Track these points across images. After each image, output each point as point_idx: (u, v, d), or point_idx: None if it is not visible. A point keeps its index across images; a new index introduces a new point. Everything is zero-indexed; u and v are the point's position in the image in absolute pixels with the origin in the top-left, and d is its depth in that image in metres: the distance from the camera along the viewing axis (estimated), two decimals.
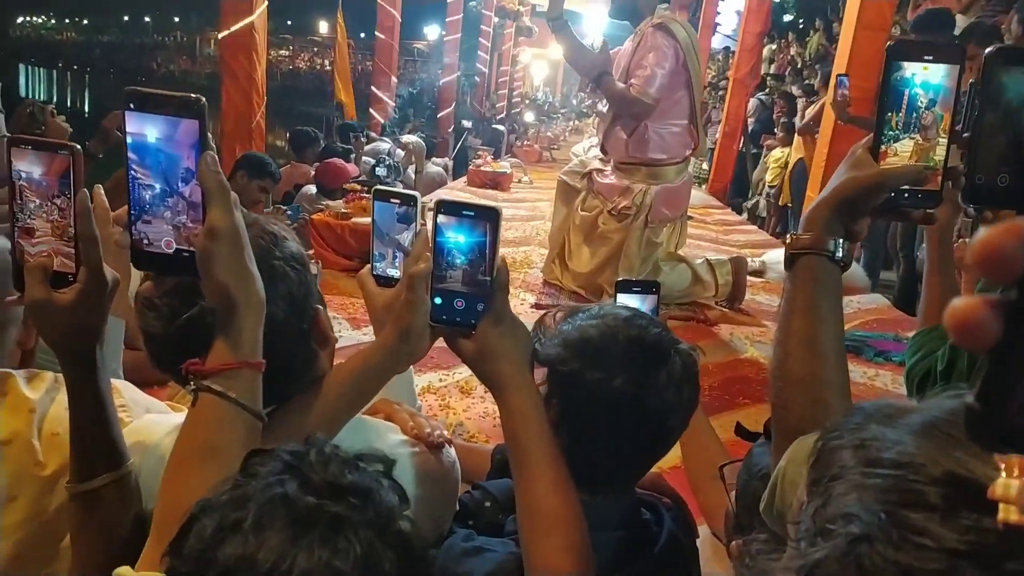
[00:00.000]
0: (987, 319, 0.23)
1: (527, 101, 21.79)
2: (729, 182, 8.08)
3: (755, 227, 6.32)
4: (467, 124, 10.21)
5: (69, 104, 29.45)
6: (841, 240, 0.81)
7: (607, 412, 0.84)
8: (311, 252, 3.39)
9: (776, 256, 4.02)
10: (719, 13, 13.30)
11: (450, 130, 11.12)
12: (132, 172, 0.67)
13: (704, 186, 8.51)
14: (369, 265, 0.97)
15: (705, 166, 9.43)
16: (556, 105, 23.48)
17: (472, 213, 0.84)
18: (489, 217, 0.84)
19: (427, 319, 0.84)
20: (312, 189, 4.16)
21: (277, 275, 0.84)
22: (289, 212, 3.51)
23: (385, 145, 6.41)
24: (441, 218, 0.84)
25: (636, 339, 0.86)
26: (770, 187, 7.11)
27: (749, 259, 3.90)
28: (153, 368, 0.81)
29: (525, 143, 11.00)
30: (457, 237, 0.85)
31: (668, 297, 3.09)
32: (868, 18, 4.21)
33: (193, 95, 0.66)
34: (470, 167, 7.19)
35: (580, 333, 0.87)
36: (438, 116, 11.43)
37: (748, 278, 3.64)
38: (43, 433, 0.89)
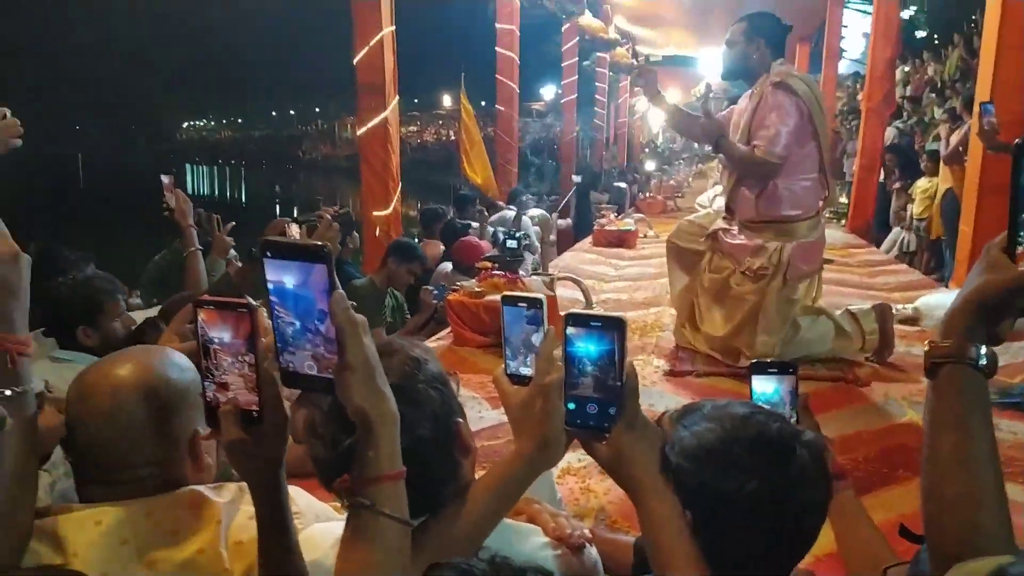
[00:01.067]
0: None
1: (646, 150, 21.77)
2: (871, 217, 7.62)
3: (905, 266, 5.89)
4: (576, 179, 10.34)
5: (228, 196, 32.79)
6: (984, 347, 0.78)
7: (743, 517, 0.84)
8: (450, 370, 3.55)
9: (933, 301, 3.73)
10: (843, 38, 12.77)
11: (572, 189, 11.31)
12: (275, 312, 0.76)
13: (843, 223, 8.08)
14: (503, 365, 1.02)
15: (844, 199, 8.94)
16: (676, 150, 23.28)
17: (599, 323, 0.89)
18: (616, 326, 0.89)
19: (562, 426, 0.89)
20: (448, 267, 4.38)
21: (421, 398, 0.93)
22: (435, 291, 3.76)
23: (511, 213, 6.63)
24: (571, 330, 0.90)
25: (757, 439, 0.87)
26: (919, 220, 6.64)
27: (900, 305, 3.66)
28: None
29: (648, 195, 10.97)
30: (587, 346, 0.90)
31: (811, 355, 2.96)
32: (1010, 37, 3.93)
33: (320, 243, 0.74)
34: (595, 227, 7.25)
35: (699, 440, 0.88)
36: (559, 175, 11.67)
37: (902, 327, 3.42)
38: (229, 542, 1.00)
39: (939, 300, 3.72)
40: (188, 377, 1.02)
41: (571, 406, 0.90)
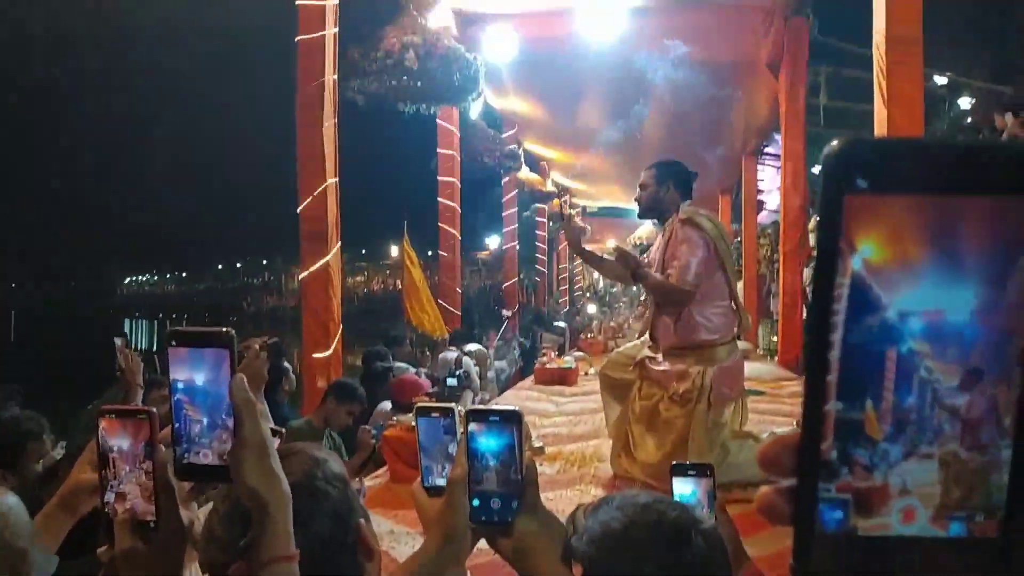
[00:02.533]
0: (778, 503, 0.32)
1: (588, 294, 22.48)
2: (799, 352, 7.95)
3: None
4: (507, 313, 10.62)
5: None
6: None
7: None
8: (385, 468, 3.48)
9: None
10: (761, 192, 13.89)
11: (516, 331, 11.52)
12: (182, 410, 0.77)
13: (775, 359, 8.40)
14: (419, 479, 1.03)
15: (774, 337, 9.37)
16: (617, 294, 24.08)
17: (498, 418, 0.94)
18: (514, 419, 0.94)
19: (467, 521, 0.90)
20: (387, 406, 4.35)
21: (320, 494, 0.94)
22: (374, 431, 3.71)
23: (452, 355, 6.69)
24: (472, 426, 0.94)
25: (656, 525, 0.91)
26: None
27: None
28: None
29: (589, 336, 11.23)
30: (488, 441, 0.94)
31: (743, 479, 3.00)
32: None
33: (224, 328, 0.77)
34: (536, 366, 7.36)
35: (603, 528, 0.91)
36: (502, 318, 11.92)
37: None
38: None
39: None
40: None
41: (475, 502, 0.91)
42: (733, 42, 7.80)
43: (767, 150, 13.44)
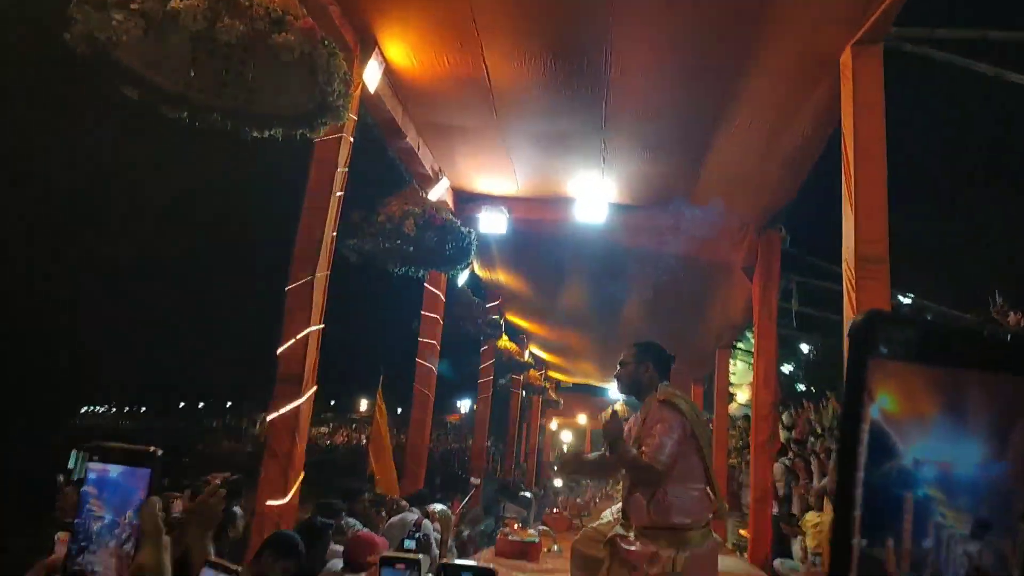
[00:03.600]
0: None
1: (555, 468, 21.96)
2: (770, 549, 7.74)
3: None
4: (475, 481, 10.31)
5: None
6: None
7: None
8: None
9: None
10: (732, 384, 14.16)
11: (479, 498, 11.15)
12: (87, 506, 0.75)
13: (745, 554, 8.15)
14: None
15: (743, 532, 9.13)
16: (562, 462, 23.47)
17: (471, 573, 0.96)
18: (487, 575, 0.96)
19: None
20: (338, 564, 4.14)
21: None
22: None
23: (413, 516, 6.43)
24: None
25: None
26: (814, 554, 6.80)
27: None
28: None
29: (555, 511, 10.87)
30: None
31: None
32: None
33: (150, 448, 0.76)
34: (498, 536, 7.07)
35: None
36: (470, 483, 11.57)
37: None
38: None
39: None
40: None
41: None
42: (710, 245, 8.35)
43: (738, 345, 13.90)
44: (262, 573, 3.23)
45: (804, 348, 18.58)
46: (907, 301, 12.21)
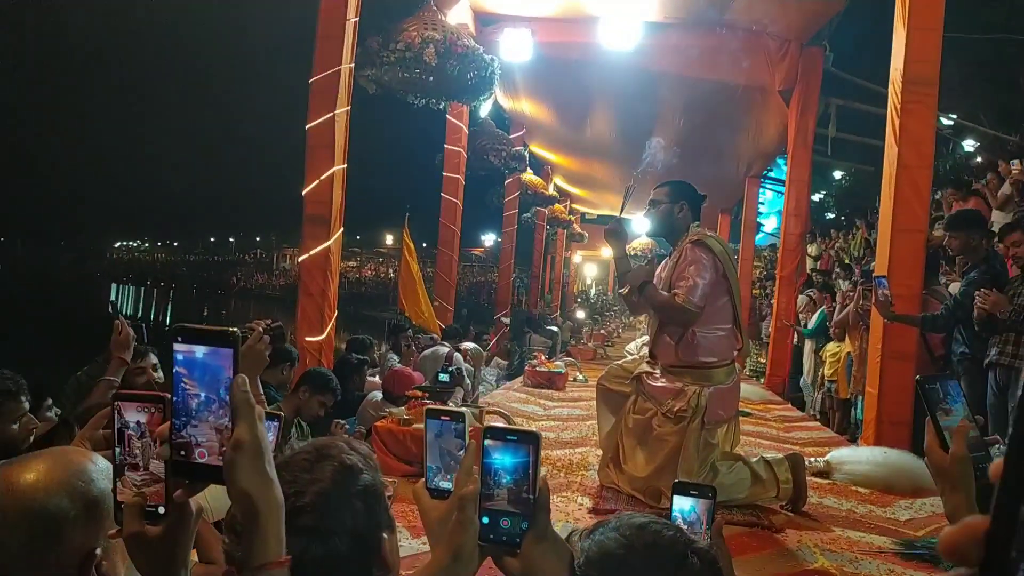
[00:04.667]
0: (969, 546, 0.33)
1: (579, 300, 22.53)
2: (787, 376, 8.01)
3: (817, 423, 6.16)
4: (504, 319, 10.66)
5: (152, 316, 31.88)
6: None
7: None
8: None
9: (842, 455, 3.91)
10: (761, 214, 13.98)
11: (506, 330, 11.55)
12: (181, 384, 0.77)
13: (762, 380, 8.45)
14: (423, 479, 1.02)
15: (762, 360, 9.43)
16: (608, 302, 24.12)
17: (515, 437, 0.94)
18: (531, 440, 0.94)
19: (476, 539, 0.89)
20: (378, 395, 4.35)
21: (345, 508, 0.93)
22: (347, 425, 3.57)
23: (444, 350, 6.70)
24: (488, 442, 0.94)
25: (652, 545, 0.91)
26: (830, 381, 7.03)
27: (813, 459, 3.81)
28: None
29: (580, 342, 11.26)
30: (503, 459, 0.94)
31: (730, 500, 3.03)
32: (902, 221, 4.44)
33: (230, 328, 0.78)
34: (526, 367, 7.37)
35: (600, 548, 0.92)
36: (495, 318, 11.95)
37: (814, 479, 3.55)
38: None
39: (847, 455, 3.90)
40: (96, 489, 0.92)
41: (485, 520, 0.90)
42: (747, 66, 7.84)
43: (769, 174, 13.52)
44: (299, 407, 3.35)
45: (836, 175, 18.11)
46: (949, 122, 11.62)
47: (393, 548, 1.00)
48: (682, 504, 1.44)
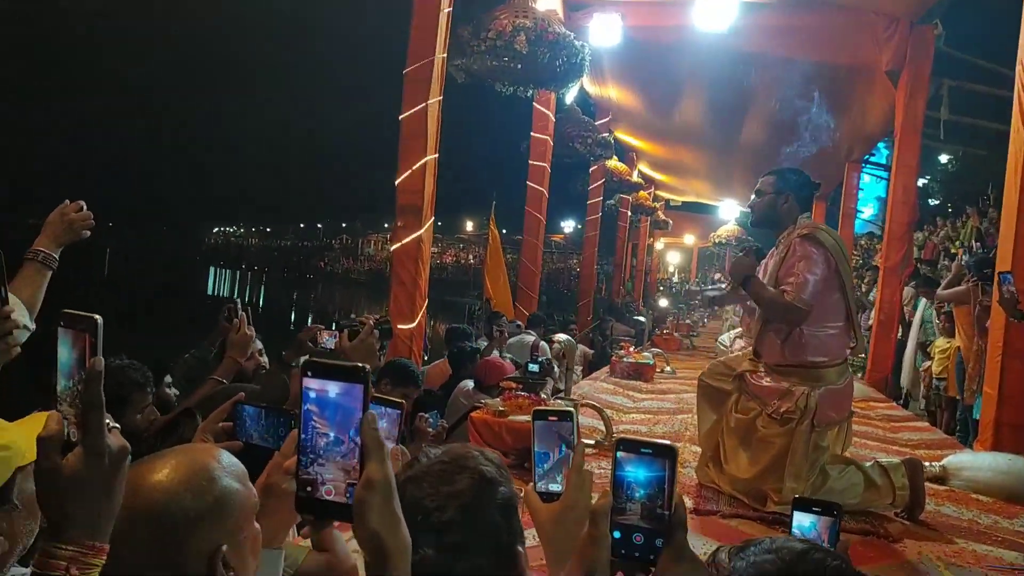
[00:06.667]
0: None
1: (661, 288, 22.15)
2: (890, 372, 7.61)
3: (927, 423, 5.82)
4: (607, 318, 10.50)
5: (247, 299, 33.48)
6: None
7: None
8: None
9: (959, 461, 3.67)
10: (858, 200, 13.29)
11: (589, 319, 11.47)
12: (311, 422, 0.76)
13: (862, 376, 8.06)
14: (532, 483, 1.00)
15: (861, 354, 8.97)
16: (692, 290, 23.54)
17: (650, 450, 0.90)
18: (667, 454, 0.90)
19: (608, 555, 0.87)
20: (470, 384, 4.39)
21: (489, 525, 0.91)
22: (430, 419, 3.33)
23: (530, 338, 6.70)
24: (621, 454, 0.91)
25: (814, 574, 0.86)
26: (938, 379, 6.63)
27: (928, 463, 3.60)
28: None
29: (664, 331, 11.06)
30: (637, 472, 0.90)
31: (841, 506, 2.89)
32: None
33: (359, 364, 0.76)
34: (612, 357, 7.29)
35: (757, 570, 0.87)
36: (578, 305, 11.88)
37: (930, 485, 3.35)
38: None
39: (967, 461, 3.66)
40: (220, 486, 0.91)
41: (616, 535, 0.88)
42: (852, 45, 7.43)
43: (870, 159, 12.82)
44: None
45: (943, 159, 17.00)
46: None
47: (526, 561, 0.98)
48: (802, 520, 1.38)
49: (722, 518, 2.89)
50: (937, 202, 16.07)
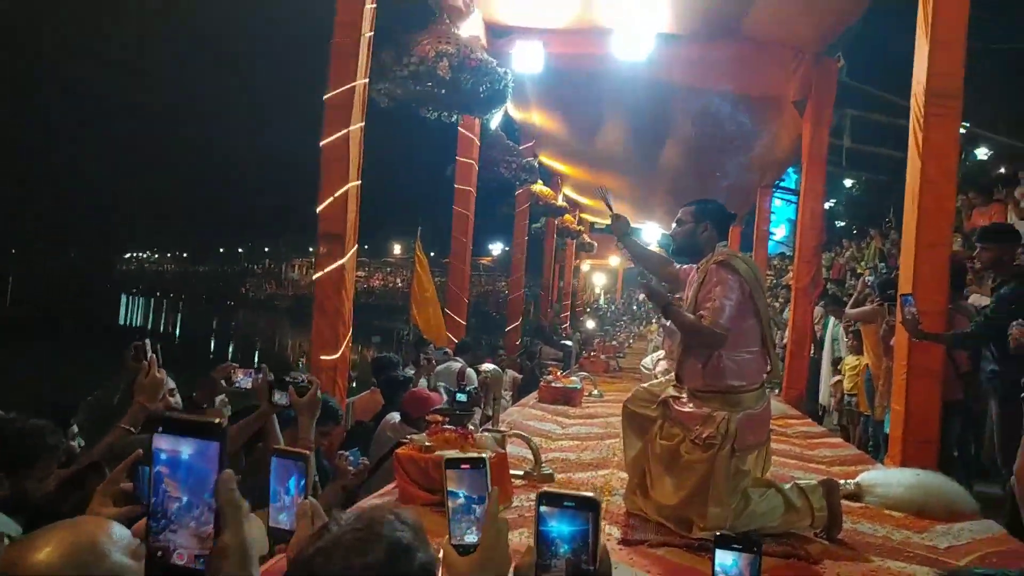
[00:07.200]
0: None
1: (588, 310, 22.46)
2: (804, 390, 7.91)
3: (841, 439, 6.05)
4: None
5: (162, 329, 31.93)
6: None
7: None
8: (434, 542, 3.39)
9: (872, 478, 3.82)
10: (771, 222, 13.87)
11: (518, 343, 11.49)
12: (160, 485, 0.72)
13: (778, 392, 8.34)
14: (447, 536, 0.98)
15: (776, 379, 9.33)
16: (618, 312, 24.00)
17: (573, 503, 0.88)
18: (590, 507, 0.88)
19: None
20: (396, 418, 4.29)
21: None
22: (351, 457, 3.21)
23: (457, 365, 6.63)
24: (543, 508, 0.89)
25: None
26: (849, 395, 6.93)
27: (844, 481, 3.72)
28: None
29: (591, 353, 11.18)
30: (560, 527, 0.88)
31: (762, 529, 2.95)
32: (927, 236, 4.36)
33: (215, 420, 0.72)
34: (540, 383, 7.30)
35: None
36: (506, 330, 11.88)
37: (846, 502, 3.46)
38: None
39: (879, 477, 3.81)
40: (109, 563, 0.86)
41: None
42: (762, 77, 7.78)
43: (780, 184, 13.43)
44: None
45: (847, 183, 18.01)
46: (962, 131, 11.55)
47: None
48: (724, 559, 1.39)
49: (650, 547, 2.89)
50: (843, 224, 16.96)
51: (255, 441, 2.70)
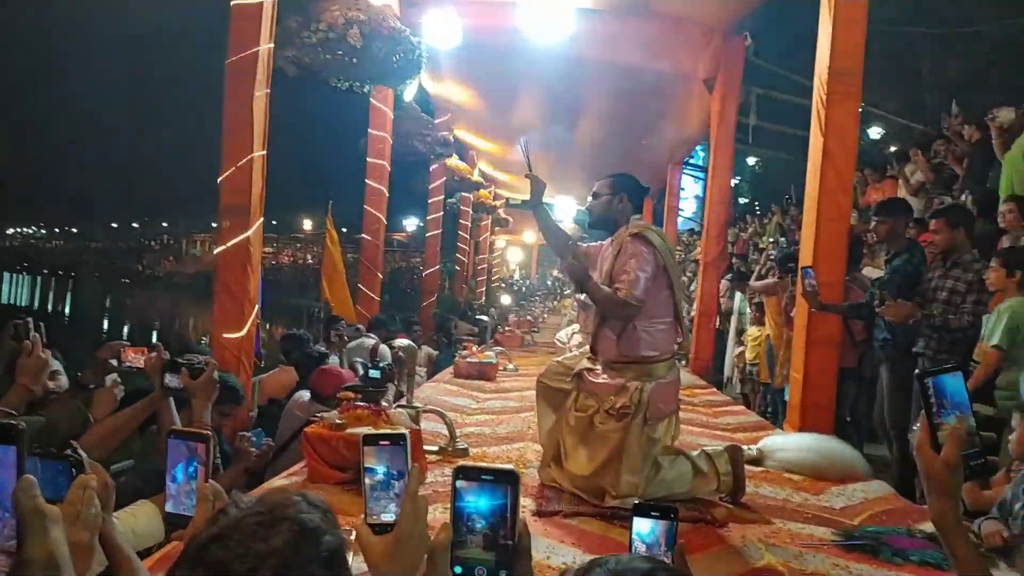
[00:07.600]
0: None
1: (503, 285, 22.56)
2: (710, 360, 8.22)
3: (743, 407, 6.33)
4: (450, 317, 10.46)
5: (50, 308, 29.87)
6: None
7: None
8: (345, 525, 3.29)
9: (772, 443, 3.99)
10: (682, 199, 14.29)
11: (432, 317, 11.39)
12: None
13: (686, 364, 8.64)
14: (363, 515, 0.94)
15: (684, 350, 9.66)
16: (533, 287, 24.24)
17: (491, 477, 0.85)
18: (509, 480, 0.85)
19: None
20: (305, 395, 4.15)
21: None
22: (253, 438, 3.12)
23: (371, 341, 6.49)
24: (460, 483, 0.84)
25: None
26: (751, 365, 7.24)
27: (746, 447, 3.87)
28: None
29: (506, 328, 11.22)
30: (478, 502, 0.84)
31: (672, 495, 3.03)
32: (827, 211, 4.56)
33: (11, 423, 0.66)
34: (456, 358, 7.26)
35: None
36: (422, 305, 11.76)
37: (748, 467, 3.60)
38: None
39: (779, 442, 3.99)
40: None
41: (458, 570, 0.83)
42: (673, 54, 7.91)
43: (690, 161, 13.81)
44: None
45: (750, 161, 18.74)
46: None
47: None
48: (641, 526, 1.40)
49: (564, 518, 2.92)
50: (746, 200, 17.68)
51: (150, 423, 2.53)
